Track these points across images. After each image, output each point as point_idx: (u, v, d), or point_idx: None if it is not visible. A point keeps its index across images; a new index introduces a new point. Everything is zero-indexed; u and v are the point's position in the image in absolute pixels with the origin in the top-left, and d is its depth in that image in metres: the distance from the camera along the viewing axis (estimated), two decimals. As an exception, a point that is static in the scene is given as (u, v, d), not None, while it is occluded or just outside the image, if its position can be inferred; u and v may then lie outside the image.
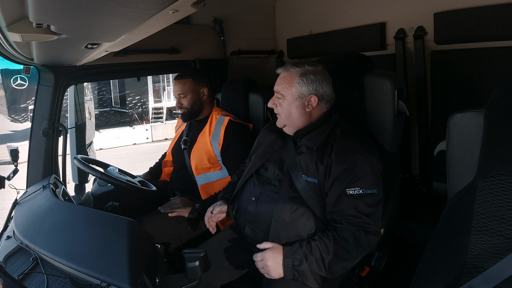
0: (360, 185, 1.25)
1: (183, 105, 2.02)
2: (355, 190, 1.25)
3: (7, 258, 1.24)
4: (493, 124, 0.93)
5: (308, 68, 1.38)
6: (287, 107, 1.39)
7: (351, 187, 1.25)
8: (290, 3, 2.79)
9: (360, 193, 1.24)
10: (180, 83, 2.01)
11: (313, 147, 1.35)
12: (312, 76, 1.36)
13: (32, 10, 0.80)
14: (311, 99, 1.37)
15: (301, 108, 1.38)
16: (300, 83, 1.36)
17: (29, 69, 1.85)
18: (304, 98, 1.37)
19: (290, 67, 1.40)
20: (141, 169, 2.74)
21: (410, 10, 2.01)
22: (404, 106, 1.47)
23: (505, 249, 0.88)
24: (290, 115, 1.40)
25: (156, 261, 1.12)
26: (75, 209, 1.47)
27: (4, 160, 7.54)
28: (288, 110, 1.40)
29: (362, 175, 1.25)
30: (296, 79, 1.36)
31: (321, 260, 1.22)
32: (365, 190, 1.24)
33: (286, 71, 1.40)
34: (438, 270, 1.00)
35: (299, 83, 1.36)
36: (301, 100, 1.37)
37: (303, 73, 1.37)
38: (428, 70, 1.99)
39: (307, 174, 1.33)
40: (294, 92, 1.37)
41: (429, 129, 2.05)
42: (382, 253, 1.61)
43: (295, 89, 1.37)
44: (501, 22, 1.61)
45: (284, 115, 1.41)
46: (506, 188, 0.89)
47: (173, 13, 0.79)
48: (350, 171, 1.26)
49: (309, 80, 1.36)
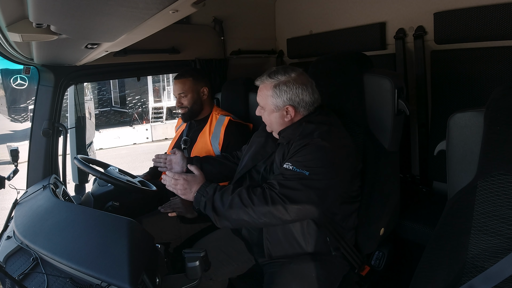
0: (293, 162, 1.24)
1: (184, 105, 2.02)
2: (287, 165, 1.25)
3: (7, 258, 1.24)
4: (493, 123, 0.93)
5: (280, 78, 1.35)
6: (267, 118, 1.42)
7: (287, 161, 1.27)
8: (290, 3, 2.79)
9: (288, 168, 1.24)
10: (180, 83, 2.01)
11: (283, 142, 1.38)
12: (285, 86, 1.34)
13: (32, 10, 0.80)
14: (288, 109, 1.36)
15: (280, 118, 1.39)
16: (274, 95, 1.35)
17: (29, 69, 1.85)
18: (280, 109, 1.37)
19: (265, 78, 1.39)
20: (141, 169, 2.74)
21: (410, 10, 2.01)
22: (404, 105, 1.47)
23: (505, 249, 0.88)
24: (272, 124, 1.43)
25: (156, 261, 1.12)
26: (75, 209, 1.47)
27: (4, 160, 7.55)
28: (269, 120, 1.42)
29: (301, 155, 1.25)
30: (270, 92, 1.36)
31: (227, 199, 1.24)
32: (294, 168, 1.23)
33: (262, 82, 1.40)
34: (438, 269, 1.00)
35: (272, 96, 1.35)
36: (279, 112, 1.37)
37: (275, 85, 1.35)
38: (428, 69, 1.98)
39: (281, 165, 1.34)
40: (270, 104, 1.37)
41: (429, 128, 2.05)
42: (382, 252, 1.62)
43: (270, 101, 1.37)
44: (501, 22, 1.61)
45: (268, 124, 1.45)
46: (506, 187, 0.89)
47: (173, 13, 0.79)
48: (296, 151, 1.27)
49: (281, 91, 1.34)
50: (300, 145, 1.27)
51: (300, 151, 1.26)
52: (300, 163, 1.23)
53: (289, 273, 1.34)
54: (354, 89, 1.56)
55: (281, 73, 1.36)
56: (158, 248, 1.19)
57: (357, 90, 1.55)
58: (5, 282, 1.01)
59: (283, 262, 1.38)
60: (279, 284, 1.31)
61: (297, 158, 1.25)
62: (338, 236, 1.38)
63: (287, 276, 1.33)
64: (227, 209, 1.23)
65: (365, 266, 1.52)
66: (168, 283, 1.12)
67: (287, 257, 1.38)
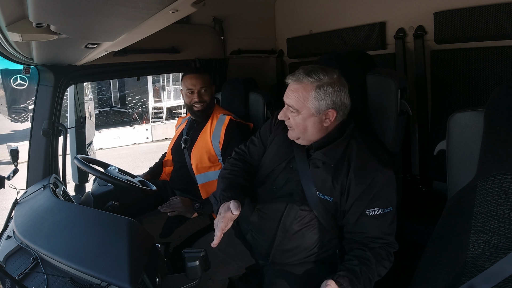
0: (379, 205, 1.19)
1: (204, 99, 2.01)
2: (374, 210, 1.19)
3: (7, 258, 1.24)
4: (493, 123, 0.93)
5: (324, 79, 1.21)
6: (301, 123, 1.25)
7: (370, 207, 1.19)
8: (290, 3, 2.79)
9: (379, 213, 1.19)
10: (201, 77, 2.00)
11: (330, 163, 1.24)
12: (330, 88, 1.20)
13: (32, 10, 0.80)
14: (329, 113, 1.23)
15: (318, 123, 1.24)
16: (317, 97, 1.20)
17: (29, 69, 1.85)
18: (321, 113, 1.22)
19: (303, 77, 1.22)
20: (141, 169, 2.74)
21: (410, 10, 2.01)
22: (407, 105, 1.46)
23: (505, 248, 0.88)
24: (306, 131, 1.26)
25: (156, 260, 1.12)
26: (75, 209, 1.47)
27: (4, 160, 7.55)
28: (303, 126, 1.25)
29: (381, 195, 1.19)
30: (312, 93, 1.20)
31: (369, 282, 1.17)
32: (383, 210, 1.19)
33: (298, 82, 1.23)
34: (439, 269, 1.00)
35: (315, 98, 1.20)
36: (318, 116, 1.23)
37: (319, 86, 1.20)
38: (428, 69, 1.98)
39: (322, 191, 1.25)
40: (311, 107, 1.21)
41: (429, 128, 2.05)
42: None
43: (311, 104, 1.21)
44: (501, 22, 1.60)
45: (299, 130, 1.27)
46: (506, 187, 0.89)
47: (173, 13, 0.79)
48: (369, 191, 1.19)
49: (326, 93, 1.20)
50: (369, 180, 1.19)
51: (374, 188, 1.19)
52: (385, 202, 1.20)
53: (291, 275, 1.32)
54: (357, 88, 1.55)
55: (323, 73, 1.21)
56: (158, 247, 1.19)
57: (360, 90, 1.55)
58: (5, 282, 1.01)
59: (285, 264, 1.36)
60: (279, 285, 1.30)
61: (380, 199, 1.19)
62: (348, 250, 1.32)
63: (289, 278, 1.31)
64: None
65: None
66: (168, 283, 1.13)
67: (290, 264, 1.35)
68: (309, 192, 1.26)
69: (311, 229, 1.29)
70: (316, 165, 1.27)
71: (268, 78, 2.97)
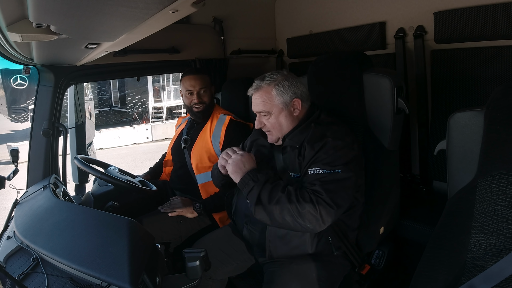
0: (321, 166, 1.25)
1: (203, 100, 2.00)
2: (315, 169, 1.25)
3: (8, 258, 1.24)
4: (493, 123, 0.93)
5: (277, 77, 1.38)
6: (276, 121, 1.39)
7: (312, 167, 1.26)
8: (290, 3, 2.79)
9: (319, 172, 1.24)
10: (200, 78, 2.00)
11: (295, 145, 1.36)
12: (286, 82, 1.37)
13: (32, 10, 0.80)
14: (295, 103, 1.38)
15: (289, 115, 1.39)
16: (279, 93, 1.36)
17: (29, 69, 1.85)
18: (289, 105, 1.37)
19: (260, 83, 1.39)
20: (141, 169, 2.74)
21: (410, 9, 2.01)
22: (404, 104, 1.47)
23: (505, 248, 0.88)
24: (282, 127, 1.40)
25: (156, 260, 1.12)
26: (76, 209, 1.47)
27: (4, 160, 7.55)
28: (278, 123, 1.39)
29: (326, 157, 1.25)
30: (274, 91, 1.36)
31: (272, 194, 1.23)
32: (325, 170, 1.24)
33: (258, 88, 1.39)
34: (439, 269, 1.00)
35: (278, 94, 1.36)
36: (287, 108, 1.38)
37: (276, 83, 1.36)
38: (428, 69, 1.98)
39: (293, 171, 1.36)
40: (278, 103, 1.37)
41: (429, 128, 2.05)
42: (382, 251, 1.62)
43: (277, 100, 1.36)
44: (501, 21, 1.61)
45: (276, 129, 1.41)
46: (506, 187, 0.89)
47: (173, 13, 0.79)
48: (316, 153, 1.27)
49: (285, 87, 1.36)
50: (318, 146, 1.28)
51: (320, 152, 1.27)
52: (329, 164, 1.24)
53: (290, 273, 1.33)
54: (353, 88, 1.56)
55: (274, 74, 1.39)
56: (158, 248, 1.19)
57: (356, 89, 1.55)
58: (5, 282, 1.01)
59: (283, 261, 1.38)
60: (279, 284, 1.31)
61: (323, 160, 1.25)
62: (341, 235, 1.38)
63: (287, 276, 1.33)
64: (273, 204, 1.22)
65: (365, 265, 1.52)
66: (169, 283, 1.13)
67: (288, 257, 1.37)
68: (285, 177, 1.37)
69: None
70: (285, 152, 1.40)
71: (268, 78, 2.97)
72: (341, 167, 1.24)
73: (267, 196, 1.23)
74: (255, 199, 1.25)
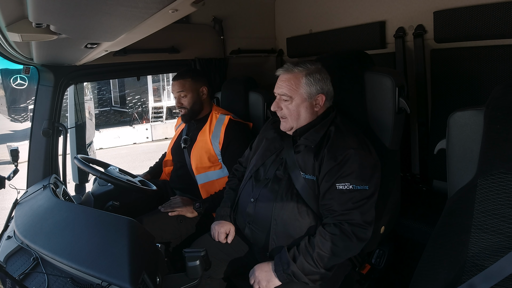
0: (350, 181, 1.24)
1: (184, 105, 2.01)
2: (344, 185, 1.24)
3: (8, 258, 1.25)
4: (493, 122, 0.93)
5: (311, 67, 1.36)
6: (295, 109, 1.37)
7: (340, 182, 1.25)
8: (289, 2, 2.78)
9: (349, 189, 1.24)
10: (179, 83, 2.00)
11: (311, 145, 1.35)
12: (318, 75, 1.35)
13: (31, 10, 0.80)
14: (319, 98, 1.36)
15: (310, 108, 1.37)
16: (308, 83, 1.34)
17: (29, 69, 1.85)
18: (312, 98, 1.36)
19: (292, 67, 1.37)
20: (141, 169, 2.74)
21: (409, 9, 2.01)
22: (405, 103, 1.47)
23: (505, 247, 0.88)
24: (299, 117, 1.38)
25: (156, 260, 1.12)
26: (76, 209, 1.47)
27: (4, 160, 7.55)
28: (296, 112, 1.37)
29: (353, 170, 1.25)
30: (303, 80, 1.34)
31: (311, 258, 1.23)
32: (355, 186, 1.24)
33: (289, 72, 1.37)
34: (439, 268, 1.00)
35: (306, 84, 1.34)
36: (310, 101, 1.36)
37: (308, 73, 1.34)
38: (428, 68, 1.98)
39: (305, 171, 1.34)
40: (303, 92, 1.34)
41: (429, 127, 2.05)
42: (382, 251, 1.62)
43: (303, 89, 1.34)
44: (500, 21, 1.60)
45: (293, 117, 1.38)
46: (506, 186, 0.89)
47: (172, 12, 0.79)
48: (341, 166, 1.26)
49: (315, 79, 1.34)
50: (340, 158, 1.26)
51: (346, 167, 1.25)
52: (357, 179, 1.24)
53: None
54: (355, 87, 1.56)
55: (309, 63, 1.37)
56: (158, 247, 1.19)
57: (358, 88, 1.55)
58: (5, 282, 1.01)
59: None
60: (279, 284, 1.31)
61: (351, 174, 1.25)
62: None
63: None
64: (320, 268, 1.23)
65: (366, 264, 1.53)
66: (169, 283, 1.13)
67: None
68: (295, 176, 1.35)
69: (302, 215, 1.33)
70: (299, 150, 1.38)
71: (268, 78, 2.95)
72: (369, 183, 1.25)
73: (306, 264, 1.24)
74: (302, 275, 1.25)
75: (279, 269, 1.26)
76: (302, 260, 1.24)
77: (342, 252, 1.25)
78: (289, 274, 1.25)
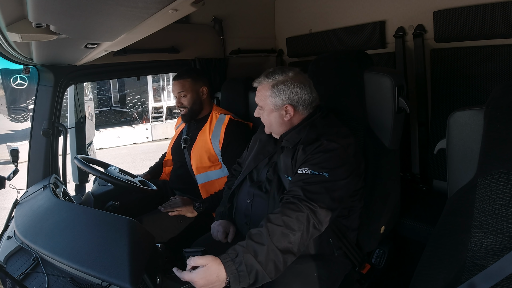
0: (309, 166, 1.23)
1: (183, 105, 2.02)
2: (303, 170, 1.24)
3: (8, 258, 1.25)
4: (493, 122, 0.93)
5: (278, 78, 1.37)
6: (267, 118, 1.43)
7: (301, 167, 1.25)
8: (289, 2, 2.78)
9: (306, 173, 1.22)
10: (179, 83, 2.01)
11: (289, 146, 1.37)
12: (283, 85, 1.36)
13: (31, 10, 0.80)
14: (287, 109, 1.38)
15: (279, 118, 1.40)
16: (272, 94, 1.37)
17: (29, 69, 1.85)
18: (279, 108, 1.38)
19: (263, 79, 1.41)
20: (141, 169, 2.74)
21: (409, 8, 2.01)
22: (405, 103, 1.47)
23: (505, 247, 0.88)
24: (271, 125, 1.43)
25: (156, 260, 1.12)
26: (76, 209, 1.47)
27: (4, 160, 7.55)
28: (268, 121, 1.43)
29: (315, 158, 1.24)
30: (268, 92, 1.38)
31: (262, 245, 1.07)
32: (312, 172, 1.21)
33: (260, 83, 1.42)
34: (439, 268, 1.00)
35: (271, 95, 1.37)
36: (278, 111, 1.39)
37: (273, 84, 1.37)
38: (428, 68, 1.98)
39: (286, 173, 1.35)
40: (269, 103, 1.39)
41: (429, 127, 2.05)
42: (382, 250, 1.62)
43: (269, 101, 1.38)
44: (500, 20, 1.60)
45: (267, 125, 1.46)
46: (506, 186, 0.89)
47: (172, 12, 0.79)
48: (306, 156, 1.27)
49: (280, 90, 1.36)
50: (310, 149, 1.27)
51: (312, 154, 1.26)
52: (317, 166, 1.22)
53: (290, 272, 1.33)
54: (354, 87, 1.56)
55: (279, 73, 1.38)
56: (158, 247, 1.19)
57: (357, 88, 1.55)
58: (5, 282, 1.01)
59: None
60: (279, 283, 1.30)
61: (313, 161, 1.24)
62: (341, 235, 1.39)
63: (288, 275, 1.31)
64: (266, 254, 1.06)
65: (366, 264, 1.53)
66: (169, 283, 1.13)
67: None
68: (284, 178, 1.37)
69: None
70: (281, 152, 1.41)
71: (268, 78, 2.97)
72: (329, 170, 1.21)
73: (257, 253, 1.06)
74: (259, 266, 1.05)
75: (228, 265, 1.04)
76: (253, 248, 1.06)
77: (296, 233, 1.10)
78: (241, 268, 1.03)
